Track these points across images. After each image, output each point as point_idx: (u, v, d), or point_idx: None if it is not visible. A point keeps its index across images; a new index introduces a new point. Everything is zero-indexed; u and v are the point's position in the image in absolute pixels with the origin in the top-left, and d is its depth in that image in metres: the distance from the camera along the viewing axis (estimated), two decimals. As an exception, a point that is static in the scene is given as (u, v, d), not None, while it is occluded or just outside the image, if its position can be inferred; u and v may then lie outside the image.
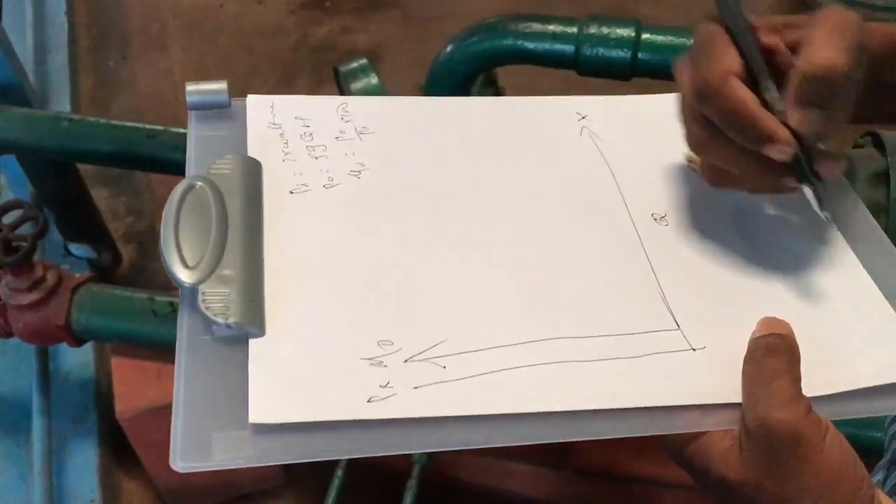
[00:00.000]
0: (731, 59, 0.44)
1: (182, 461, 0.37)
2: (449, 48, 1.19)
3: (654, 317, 0.44)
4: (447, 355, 0.41)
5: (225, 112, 0.52)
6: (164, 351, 1.25)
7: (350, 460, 1.15)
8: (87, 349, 1.47)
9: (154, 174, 1.85)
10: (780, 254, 0.48)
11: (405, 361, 0.41)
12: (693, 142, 0.47)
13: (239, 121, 0.53)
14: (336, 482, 1.13)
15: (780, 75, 0.44)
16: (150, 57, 2.35)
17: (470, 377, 0.40)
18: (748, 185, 0.47)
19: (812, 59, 0.42)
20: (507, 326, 0.43)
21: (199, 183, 0.46)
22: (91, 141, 1.27)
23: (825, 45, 0.42)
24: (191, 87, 0.52)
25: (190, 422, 0.38)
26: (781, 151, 0.42)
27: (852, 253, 0.48)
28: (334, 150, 0.52)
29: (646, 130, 0.56)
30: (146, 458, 1.33)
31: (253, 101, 0.54)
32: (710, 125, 0.44)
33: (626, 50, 1.10)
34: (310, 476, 1.45)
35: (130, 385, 1.26)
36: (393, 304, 0.44)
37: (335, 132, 0.53)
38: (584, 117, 0.56)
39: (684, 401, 0.40)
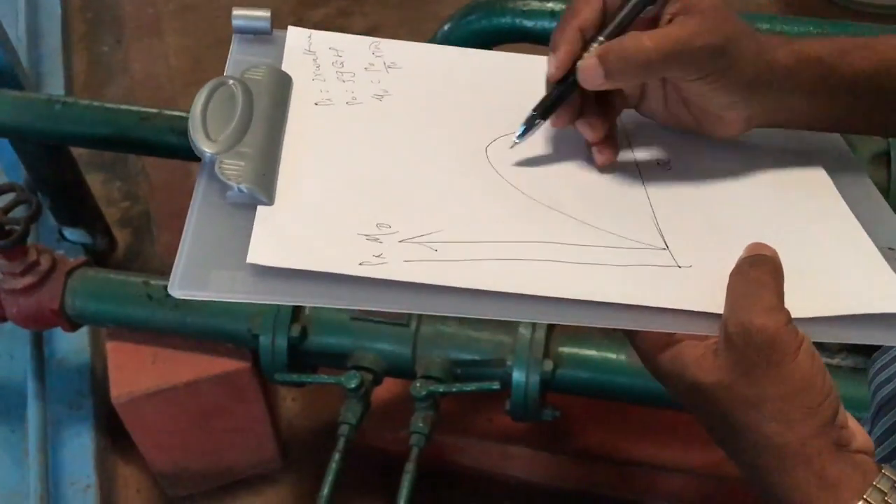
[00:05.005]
0: None
1: (180, 288, 0.40)
2: (446, 27, 1.18)
3: (645, 236, 0.47)
4: (441, 242, 0.44)
5: (265, 39, 0.56)
6: (159, 335, 1.25)
7: (347, 446, 1.14)
8: (83, 334, 1.46)
9: (148, 158, 1.84)
10: (773, 198, 0.50)
11: (400, 242, 0.43)
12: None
13: (277, 50, 0.56)
14: (333, 466, 1.12)
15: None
16: (145, 41, 2.33)
17: (460, 260, 0.43)
18: None
19: (642, 38, 0.45)
20: (505, 226, 0.45)
21: (232, 81, 0.49)
22: (84, 124, 1.26)
23: (657, 39, 0.45)
24: (237, 12, 0.55)
25: (192, 258, 0.41)
26: (550, 63, 0.48)
27: (842, 198, 0.50)
28: (362, 77, 0.56)
29: None
30: (142, 443, 1.33)
31: (293, 30, 0.58)
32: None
33: (625, 28, 1.08)
34: (307, 461, 1.44)
35: (126, 369, 1.25)
36: (396, 198, 0.46)
37: (365, 63, 0.57)
38: None
39: (668, 304, 0.42)
